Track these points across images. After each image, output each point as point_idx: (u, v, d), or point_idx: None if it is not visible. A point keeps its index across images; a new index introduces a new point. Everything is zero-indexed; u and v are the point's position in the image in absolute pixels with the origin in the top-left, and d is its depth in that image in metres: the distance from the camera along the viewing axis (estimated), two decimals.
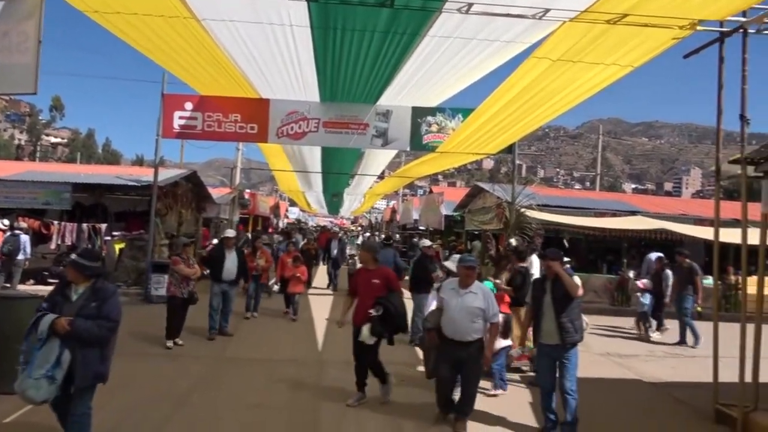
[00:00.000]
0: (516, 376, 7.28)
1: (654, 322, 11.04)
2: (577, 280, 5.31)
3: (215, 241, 16.46)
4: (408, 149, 13.48)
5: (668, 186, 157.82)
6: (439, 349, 5.31)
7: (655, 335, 10.85)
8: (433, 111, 12.02)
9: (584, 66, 6.91)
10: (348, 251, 18.34)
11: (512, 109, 8.77)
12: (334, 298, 13.92)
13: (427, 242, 10.44)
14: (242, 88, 10.04)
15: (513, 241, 12.33)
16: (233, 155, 24.46)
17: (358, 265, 6.80)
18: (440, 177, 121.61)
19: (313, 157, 16.55)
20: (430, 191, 27.16)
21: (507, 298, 7.29)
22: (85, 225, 12.91)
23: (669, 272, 10.90)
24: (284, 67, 8.57)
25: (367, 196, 28.61)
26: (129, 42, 7.11)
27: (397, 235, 29.57)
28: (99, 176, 15.80)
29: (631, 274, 14.11)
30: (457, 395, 5.42)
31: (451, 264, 6.45)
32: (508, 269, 11.96)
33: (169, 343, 7.96)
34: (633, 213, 15.77)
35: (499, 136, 10.74)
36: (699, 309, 10.20)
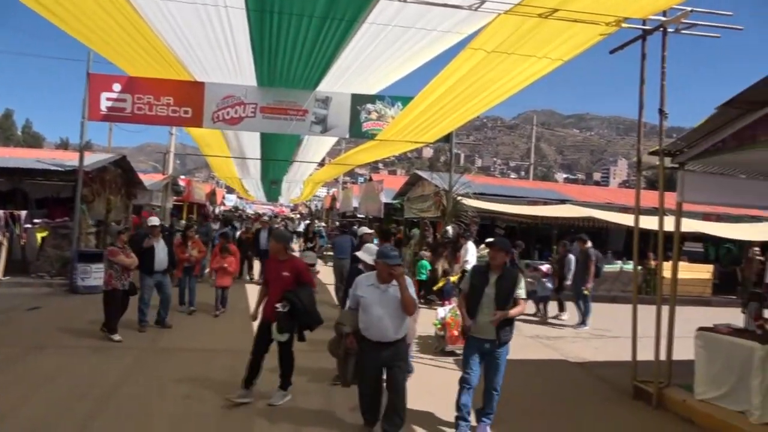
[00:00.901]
0: (450, 359, 7.50)
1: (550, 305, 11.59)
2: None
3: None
4: (347, 136, 13.43)
5: (597, 176, 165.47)
6: (360, 353, 4.72)
7: (564, 316, 11.41)
8: (372, 98, 12.01)
9: (518, 58, 7.10)
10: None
11: (449, 99, 8.91)
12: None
13: (366, 230, 10.49)
14: (175, 69, 9.67)
15: (450, 229, 12.64)
16: (166, 140, 23.58)
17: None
18: (381, 165, 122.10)
19: (252, 143, 16.20)
20: (370, 179, 27.24)
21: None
22: (1, 212, 12.09)
23: (572, 257, 11.34)
24: (219, 50, 8.32)
25: (306, 183, 28.34)
26: (50, 18, 6.68)
27: (337, 222, 29.52)
28: (18, 160, 14.82)
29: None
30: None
31: (365, 255, 5.58)
32: (445, 256, 12.29)
33: (117, 336, 7.67)
34: (563, 201, 16.47)
35: (437, 124, 10.90)
36: (586, 292, 10.73)
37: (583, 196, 18.16)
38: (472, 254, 11.18)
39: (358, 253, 5.83)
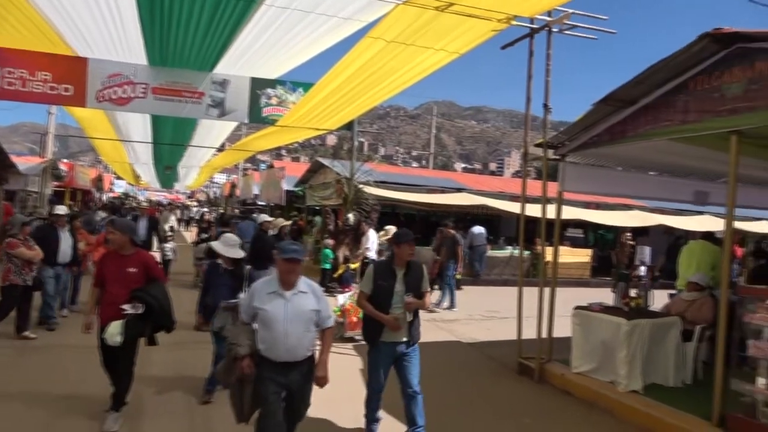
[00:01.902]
0: (349, 345, 7.61)
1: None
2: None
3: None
4: (247, 121, 13.03)
5: (493, 166, 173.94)
6: (259, 378, 3.71)
7: (445, 302, 11.54)
8: (273, 83, 11.73)
9: (416, 49, 7.27)
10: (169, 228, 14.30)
11: (351, 87, 8.93)
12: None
13: (265, 217, 10.30)
14: (52, 42, 8.85)
15: (351, 216, 12.73)
16: (45, 119, 21.55)
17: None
18: (284, 151, 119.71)
19: (143, 126, 15.23)
20: (271, 166, 26.69)
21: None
22: None
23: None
24: (104, 24, 7.73)
25: (204, 169, 27.18)
26: None
27: (237, 210, 28.67)
28: None
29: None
30: None
31: (223, 247, 5.15)
32: (347, 244, 12.38)
33: (32, 334, 7.17)
34: (459, 190, 17.14)
35: (338, 112, 10.89)
36: (458, 276, 11.28)
37: (478, 185, 19.02)
38: (373, 242, 11.35)
39: (214, 244, 5.05)
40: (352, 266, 10.98)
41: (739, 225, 18.57)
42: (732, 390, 4.91)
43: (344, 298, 8.08)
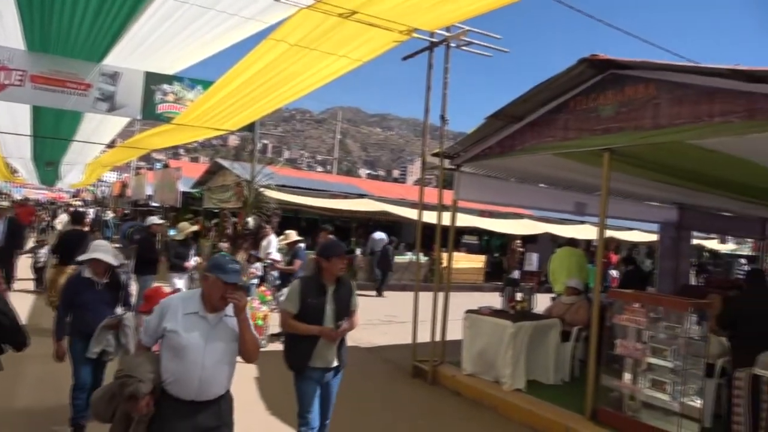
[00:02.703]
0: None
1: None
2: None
3: None
4: (139, 118, 12.31)
5: (396, 173, 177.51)
6: (159, 420, 2.91)
7: None
8: (169, 79, 11.17)
9: (319, 54, 7.26)
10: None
11: (252, 88, 8.74)
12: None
13: (155, 219, 9.79)
14: None
15: (251, 221, 12.41)
16: None
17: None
18: (182, 151, 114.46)
19: (21, 116, 13.89)
20: (166, 165, 25.40)
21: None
22: None
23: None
24: None
25: (91, 166, 25.30)
26: None
27: (127, 211, 26.98)
28: None
29: (358, 252, 15.51)
30: None
31: (99, 255, 4.37)
32: (246, 248, 12.04)
33: None
34: (362, 196, 17.33)
35: (239, 112, 10.60)
36: None
37: (380, 192, 19.33)
38: (274, 246, 11.14)
39: (94, 255, 4.31)
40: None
41: (614, 234, 20.37)
42: (603, 386, 5.38)
43: None
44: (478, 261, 18.41)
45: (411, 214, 15.86)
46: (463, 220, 16.52)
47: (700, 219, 10.72)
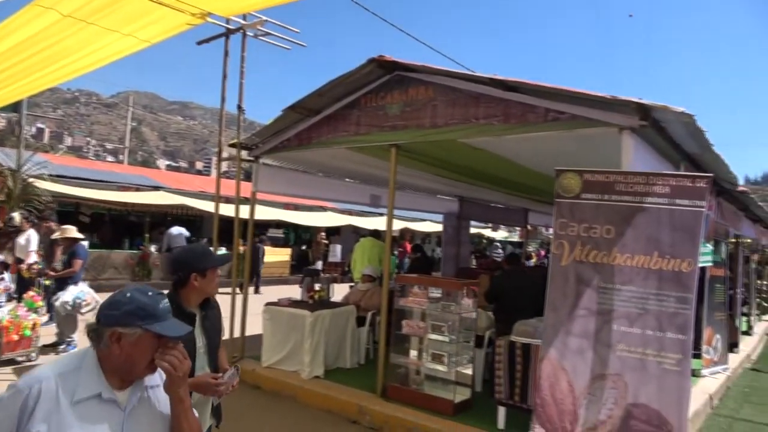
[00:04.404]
0: (8, 369, 6.42)
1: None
2: None
3: None
4: None
5: (200, 165, 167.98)
6: None
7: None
8: None
9: (100, 30, 6.49)
10: None
11: (14, 61, 7.51)
12: None
13: None
14: None
15: (16, 216, 10.72)
16: None
17: None
18: None
19: None
20: None
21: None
22: None
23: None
24: None
25: None
26: None
27: None
28: None
29: (153, 248, 14.41)
30: None
31: None
32: (9, 248, 10.34)
33: None
34: (156, 188, 16.10)
35: None
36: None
37: (178, 184, 18.16)
38: (34, 245, 9.76)
39: None
40: (25, 273, 9.11)
41: (409, 225, 22.05)
42: (393, 364, 5.82)
43: (1, 313, 6.75)
44: (283, 254, 18.43)
45: (212, 207, 15.20)
46: (268, 213, 16.35)
47: (476, 210, 12.17)
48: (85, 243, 8.58)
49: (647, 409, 3.72)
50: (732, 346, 8.85)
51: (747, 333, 11.03)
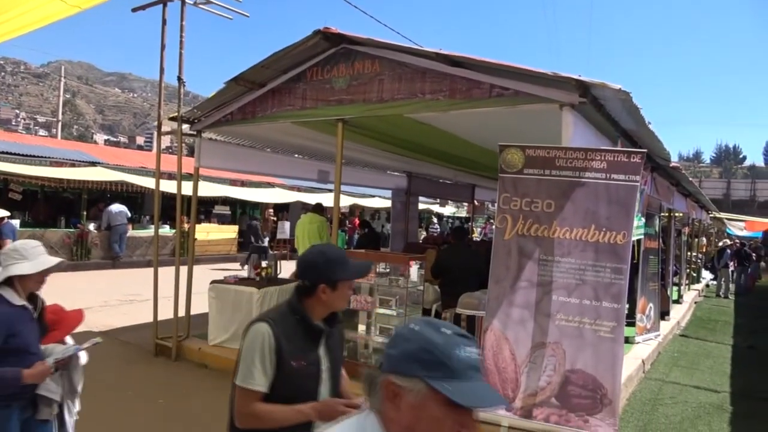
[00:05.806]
0: None
1: None
2: None
3: None
4: None
5: (141, 140, 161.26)
6: None
7: None
8: None
9: None
10: None
11: None
12: None
13: None
14: None
15: None
16: None
17: None
18: None
19: None
20: None
21: None
22: None
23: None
24: None
25: None
26: None
27: None
28: None
29: (92, 226, 13.84)
30: None
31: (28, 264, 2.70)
32: None
33: None
34: (93, 164, 15.39)
35: None
36: None
37: (116, 160, 17.38)
38: None
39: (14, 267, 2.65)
40: None
41: (358, 201, 22.02)
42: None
43: None
44: (230, 231, 18.08)
45: (153, 183, 14.69)
46: (214, 190, 15.94)
47: (425, 186, 12.26)
48: (16, 222, 8.16)
49: (584, 375, 3.90)
50: (663, 314, 9.39)
51: (677, 302, 11.72)
